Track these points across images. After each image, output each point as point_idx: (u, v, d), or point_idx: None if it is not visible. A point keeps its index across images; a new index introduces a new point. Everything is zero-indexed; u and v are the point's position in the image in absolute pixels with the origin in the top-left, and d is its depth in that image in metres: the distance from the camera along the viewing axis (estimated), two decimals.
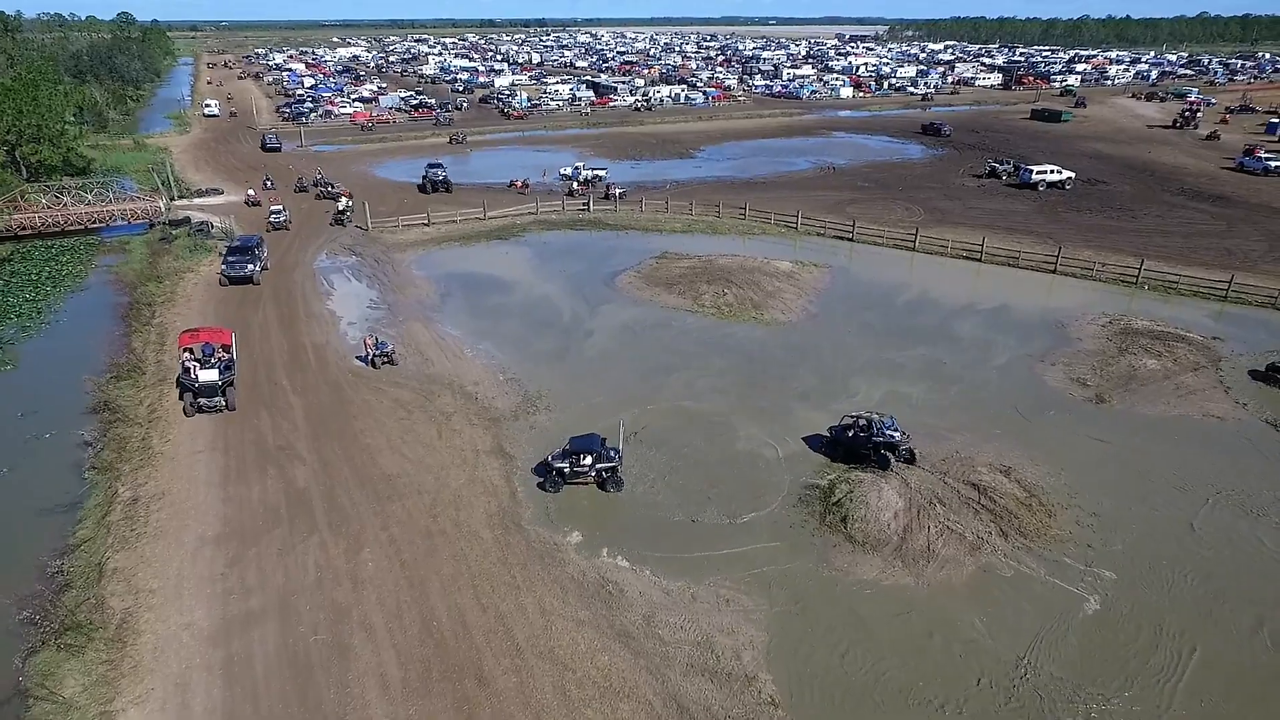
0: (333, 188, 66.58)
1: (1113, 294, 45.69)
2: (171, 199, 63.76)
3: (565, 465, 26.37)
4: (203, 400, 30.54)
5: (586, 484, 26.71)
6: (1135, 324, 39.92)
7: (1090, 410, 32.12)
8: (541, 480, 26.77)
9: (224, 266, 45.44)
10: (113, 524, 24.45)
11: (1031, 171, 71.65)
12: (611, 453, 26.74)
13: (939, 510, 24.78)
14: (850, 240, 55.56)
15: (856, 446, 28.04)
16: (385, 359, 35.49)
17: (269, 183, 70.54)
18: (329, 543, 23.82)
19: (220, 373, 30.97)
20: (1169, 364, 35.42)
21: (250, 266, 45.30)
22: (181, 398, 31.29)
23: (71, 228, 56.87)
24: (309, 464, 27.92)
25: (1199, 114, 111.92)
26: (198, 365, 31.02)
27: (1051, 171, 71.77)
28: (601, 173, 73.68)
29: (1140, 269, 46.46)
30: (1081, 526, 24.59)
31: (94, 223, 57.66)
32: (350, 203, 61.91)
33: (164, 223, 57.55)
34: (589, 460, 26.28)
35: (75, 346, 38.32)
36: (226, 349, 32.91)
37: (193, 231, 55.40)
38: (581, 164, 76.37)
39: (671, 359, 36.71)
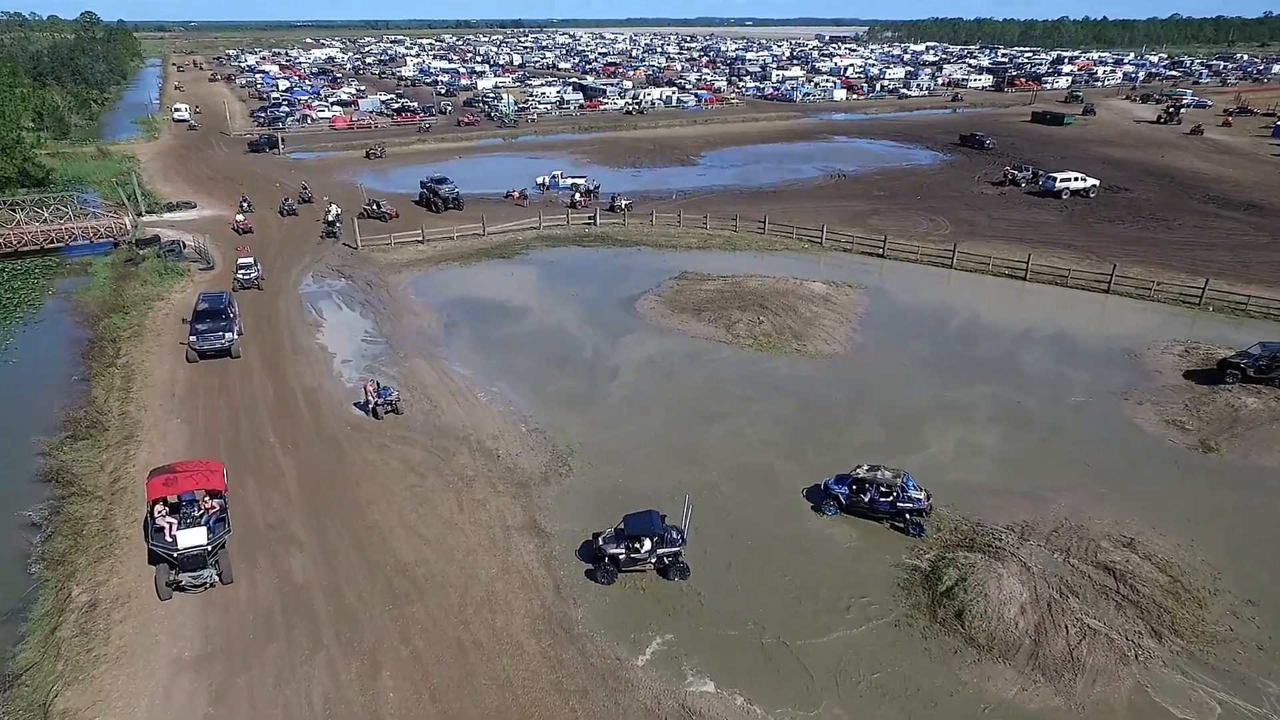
0: (378, 206, 59.24)
1: (1176, 316, 42.16)
2: (139, 214, 58.33)
3: (620, 551, 22.00)
4: (186, 576, 21.13)
5: (644, 571, 22.40)
6: (1217, 354, 36.26)
7: (1199, 461, 28.32)
8: (592, 568, 22.39)
9: (193, 338, 35.71)
10: (63, 642, 19.67)
11: (1055, 179, 68.29)
12: (674, 534, 22.43)
13: (1073, 604, 20.73)
14: (880, 256, 51.67)
15: (876, 511, 24.40)
16: (389, 407, 30.85)
17: (245, 204, 61.44)
18: (338, 663, 19.24)
19: (209, 531, 21.76)
20: (1272, 403, 31.77)
21: (228, 335, 35.97)
22: (152, 562, 22.05)
23: (26, 248, 51.39)
24: (307, 550, 23.28)
25: (1182, 110, 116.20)
26: (175, 523, 21.88)
27: (1075, 179, 68.50)
28: (580, 181, 69.31)
29: (1204, 289, 42.98)
30: (1241, 620, 20.68)
31: (51, 242, 52.20)
32: (337, 210, 57.19)
33: (130, 242, 52.25)
34: (648, 545, 21.94)
35: (24, 395, 33.20)
36: (216, 494, 23.26)
37: (163, 252, 50.09)
38: (559, 171, 71.58)
39: (712, 402, 32.45)
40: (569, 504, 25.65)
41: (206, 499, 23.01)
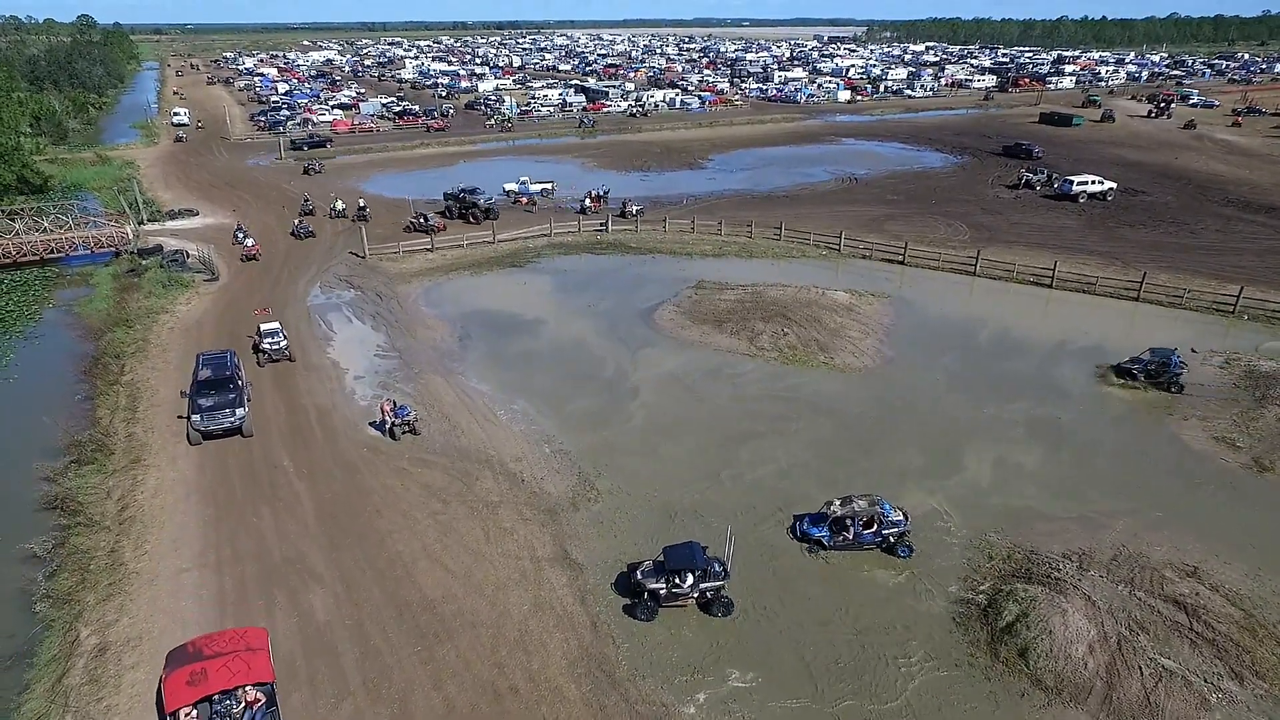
0: (426, 219, 57.00)
1: (1209, 325, 41.03)
2: (140, 223, 57.05)
3: (661, 585, 20.81)
4: None
5: (685, 606, 21.20)
6: (1260, 365, 35.15)
7: (1253, 482, 27.16)
8: (631, 604, 21.19)
9: (195, 416, 28.74)
10: (71, 692, 18.44)
11: (1072, 183, 67.20)
12: (716, 566, 21.23)
13: (1144, 642, 19.54)
14: (901, 264, 50.51)
15: (862, 544, 23.30)
16: (406, 428, 29.61)
17: (241, 233, 53.78)
18: (366, 713, 18.02)
19: None
20: None
21: (238, 411, 29.20)
22: None
23: (25, 259, 50.07)
24: (328, 585, 22.04)
25: (1173, 105, 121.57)
26: None
27: (1093, 182, 67.40)
28: (549, 185, 67.88)
29: (1239, 297, 41.88)
30: None
31: (51, 253, 50.89)
32: (342, 205, 60.17)
33: (132, 252, 50.96)
34: (690, 579, 20.74)
35: (24, 415, 31.75)
36: (260, 685, 17.13)
37: (165, 262, 48.83)
38: (526, 177, 69.49)
39: (740, 421, 31.23)
40: (601, 532, 24.44)
41: (250, 693, 16.95)
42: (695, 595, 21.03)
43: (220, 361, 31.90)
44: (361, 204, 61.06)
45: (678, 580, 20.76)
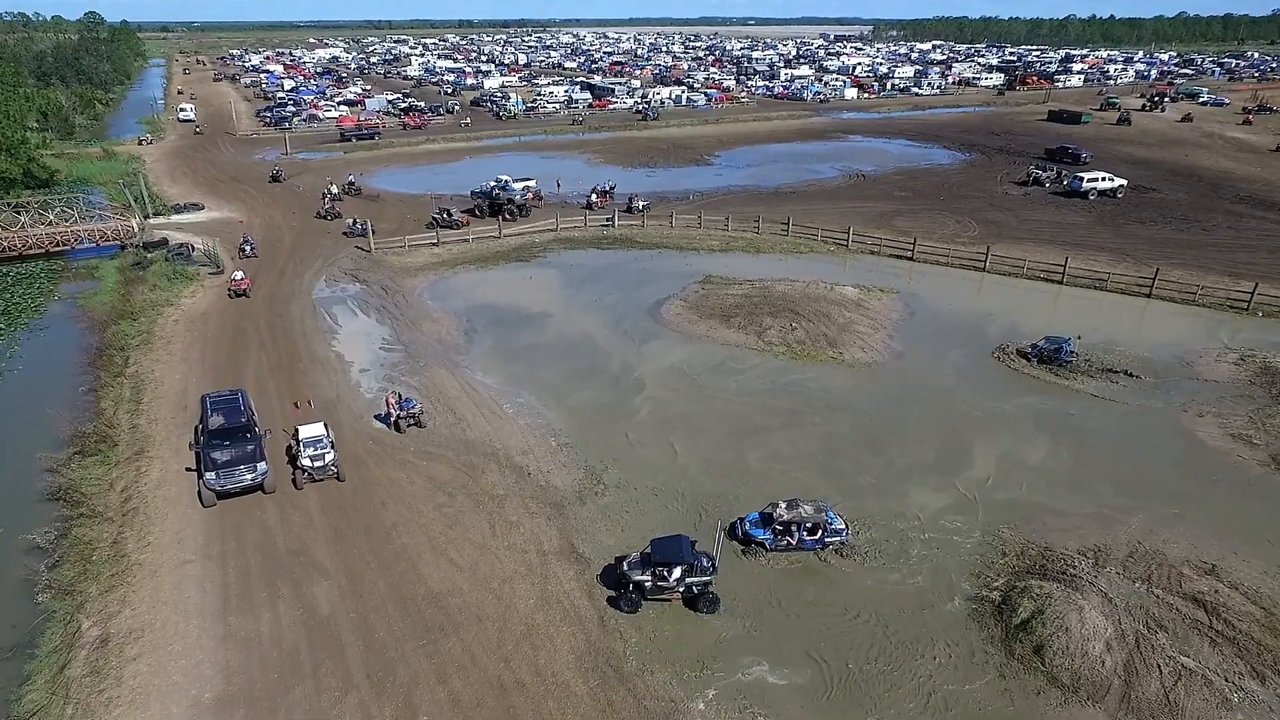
0: (449, 214, 55.88)
1: (1223, 322, 40.51)
2: (145, 217, 56.91)
3: (646, 578, 20.50)
4: None
5: (670, 600, 20.85)
6: (1275, 362, 34.67)
7: (1271, 480, 26.71)
8: (615, 595, 20.90)
9: (210, 474, 24.63)
10: (73, 683, 18.22)
11: (1082, 180, 66.65)
12: (704, 561, 20.84)
13: (1162, 640, 19.16)
14: (910, 259, 50.06)
15: (804, 548, 22.77)
16: (412, 420, 29.35)
17: (248, 247, 49.76)
18: (371, 707, 17.75)
19: None
20: None
21: (260, 466, 25.19)
22: None
23: (31, 251, 49.97)
24: (332, 578, 21.78)
25: (1167, 99, 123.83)
26: None
27: (1103, 179, 66.85)
28: (530, 182, 66.88)
29: (1253, 293, 41.37)
30: None
31: (57, 245, 50.77)
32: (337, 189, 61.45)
33: (137, 245, 50.80)
34: (677, 573, 20.41)
35: (28, 406, 31.61)
36: None
37: (171, 255, 48.69)
38: (507, 176, 68.18)
39: (747, 415, 30.90)
40: (608, 526, 24.15)
41: None
42: (681, 590, 20.63)
43: (231, 405, 27.59)
44: (351, 179, 68.37)
45: (664, 573, 20.44)
